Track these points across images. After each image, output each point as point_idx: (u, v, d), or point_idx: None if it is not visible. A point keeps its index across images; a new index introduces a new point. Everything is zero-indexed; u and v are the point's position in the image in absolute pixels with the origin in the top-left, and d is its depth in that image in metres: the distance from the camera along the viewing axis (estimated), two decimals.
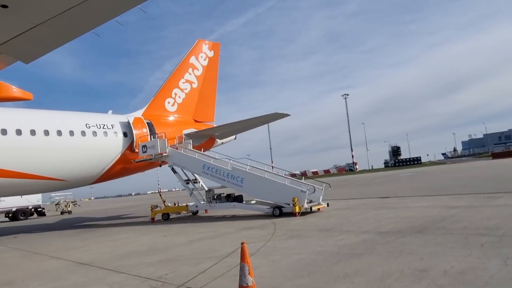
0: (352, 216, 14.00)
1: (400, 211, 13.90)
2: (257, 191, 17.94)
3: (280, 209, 16.64)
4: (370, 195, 23.84)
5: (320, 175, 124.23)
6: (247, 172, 18.20)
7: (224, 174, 18.78)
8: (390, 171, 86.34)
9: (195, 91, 29.02)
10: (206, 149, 28.12)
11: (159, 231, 15.52)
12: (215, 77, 30.97)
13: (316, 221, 13.60)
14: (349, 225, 11.65)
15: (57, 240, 16.11)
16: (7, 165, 17.99)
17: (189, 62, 29.11)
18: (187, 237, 12.67)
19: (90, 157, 20.81)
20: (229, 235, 12.23)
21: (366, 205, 17.56)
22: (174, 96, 27.67)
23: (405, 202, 17.00)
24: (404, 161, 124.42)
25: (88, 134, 20.84)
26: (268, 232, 11.86)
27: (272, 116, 25.44)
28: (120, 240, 13.76)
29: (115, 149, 21.93)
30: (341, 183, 49.41)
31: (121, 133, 22.43)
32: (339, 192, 30.73)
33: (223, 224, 15.72)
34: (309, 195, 17.40)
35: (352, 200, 21.12)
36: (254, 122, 26.46)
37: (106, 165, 21.69)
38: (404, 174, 56.18)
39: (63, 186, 21.35)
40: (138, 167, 24.04)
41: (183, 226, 16.53)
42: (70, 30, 6.35)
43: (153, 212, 20.68)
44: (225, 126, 26.85)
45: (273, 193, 17.28)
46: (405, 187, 27.91)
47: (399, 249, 7.54)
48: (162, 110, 26.76)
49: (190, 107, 28.47)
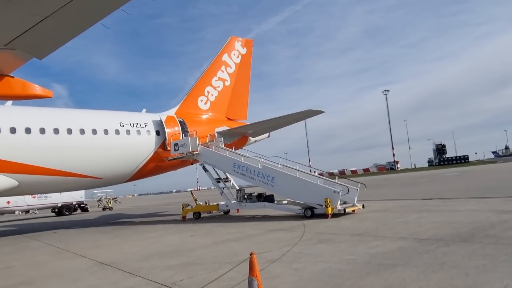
0: (389, 219, 12.98)
1: (443, 215, 12.70)
2: (288, 190, 17.27)
3: (312, 210, 15.87)
4: (411, 196, 22.39)
5: (359, 174, 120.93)
6: (277, 171, 17.58)
7: (255, 172, 18.28)
8: (434, 170, 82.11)
9: (228, 88, 28.75)
10: (239, 147, 27.78)
11: (188, 230, 15.30)
12: (248, 74, 30.56)
13: (349, 224, 12.73)
14: (385, 230, 10.71)
15: (90, 237, 16.36)
16: (45, 163, 18.55)
17: (222, 60, 28.87)
18: (213, 238, 12.29)
19: (124, 156, 21.08)
20: (255, 237, 11.69)
21: (405, 207, 16.36)
22: (206, 94, 27.55)
23: (449, 205, 15.64)
24: (450, 159, 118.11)
25: (122, 132, 21.12)
26: (296, 235, 11.19)
27: (305, 113, 24.60)
28: (148, 239, 13.65)
29: (148, 147, 22.09)
30: (380, 182, 47.43)
31: (154, 131, 22.57)
32: (377, 192, 29.30)
33: (251, 225, 15.22)
34: (343, 196, 16.50)
35: (390, 202, 19.88)
36: (287, 120, 25.73)
37: (139, 163, 21.90)
38: (449, 173, 53.02)
39: (99, 184, 21.83)
40: (171, 166, 24.13)
41: (212, 226, 16.21)
42: (77, 23, 6.07)
43: (184, 211, 20.61)
44: (258, 124, 26.33)
45: (305, 193, 16.54)
46: (451, 188, 26.04)
47: (440, 260, 6.63)
48: (194, 108, 26.72)
49: (222, 105, 28.24)
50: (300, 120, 26.44)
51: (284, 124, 27.10)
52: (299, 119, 26.30)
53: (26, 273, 9.08)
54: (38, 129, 18.31)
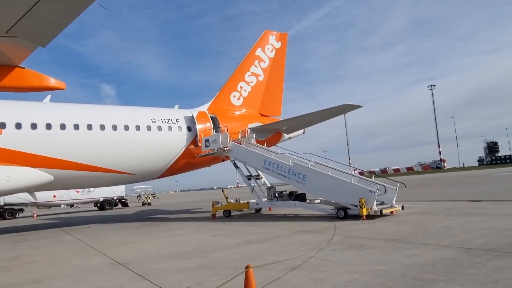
0: (431, 223, 11.67)
1: (495, 220, 11.20)
2: (320, 189, 16.27)
3: (345, 210, 14.79)
4: (458, 197, 20.53)
5: (402, 173, 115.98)
6: (309, 168, 16.63)
7: (286, 170, 17.44)
8: (485, 169, 76.68)
9: (261, 84, 28.03)
10: (272, 144, 27.01)
11: (214, 229, 14.79)
12: (283, 69, 29.65)
13: (385, 227, 11.58)
14: (425, 236, 9.52)
15: (118, 234, 16.32)
16: (79, 158, 18.84)
17: (255, 55, 28.18)
18: (237, 239, 11.64)
19: (155, 151, 21.02)
20: (280, 239, 10.89)
21: (451, 210, 14.83)
22: (239, 89, 27.01)
23: (502, 208, 13.93)
24: (502, 158, 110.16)
25: (153, 128, 21.07)
26: (324, 238, 10.27)
27: (342, 108, 23.32)
28: (172, 238, 13.27)
29: (179, 143, 21.92)
30: (424, 182, 44.73)
31: (185, 127, 22.36)
32: (420, 192, 27.39)
33: (280, 225, 14.42)
34: (380, 196, 15.27)
35: (434, 203, 18.26)
36: (322, 115, 24.58)
37: (171, 159, 21.79)
38: (502, 173, 49.00)
39: (131, 179, 21.97)
40: (202, 162, 23.85)
41: (239, 225, 15.59)
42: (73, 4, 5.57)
43: (214, 209, 20.19)
44: (292, 120, 25.39)
45: (338, 192, 15.47)
46: (503, 189, 23.69)
47: (492, 277, 5.50)
48: (227, 104, 26.27)
49: (256, 100, 27.58)
50: (336, 115, 25.13)
51: (319, 120, 25.97)
52: (335, 114, 25.02)
53: (42, 271, 8.90)
54: (72, 125, 18.63)
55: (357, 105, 22.38)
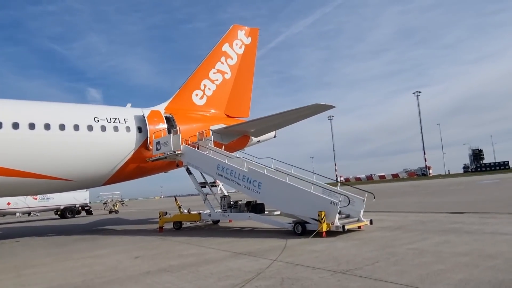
0: (400, 244, 9.35)
1: (477, 241, 8.93)
2: (276, 199, 13.85)
3: (304, 225, 12.40)
4: (438, 207, 18.39)
5: (387, 180, 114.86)
6: (265, 174, 14.21)
7: (240, 176, 15.00)
8: (469, 176, 75.58)
9: (228, 82, 25.66)
10: (239, 148, 24.63)
11: (143, 248, 12.23)
12: (252, 67, 27.35)
13: (343, 249, 9.21)
14: (386, 265, 7.16)
15: (29, 253, 13.46)
16: (3, 162, 16.11)
17: (222, 50, 25.83)
18: (155, 264, 9.12)
19: (98, 155, 18.36)
20: (206, 266, 8.41)
21: (428, 225, 12.58)
22: (203, 88, 24.57)
23: (486, 223, 11.73)
24: (487, 165, 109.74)
25: (95, 128, 18.42)
26: (259, 266, 7.84)
27: (313, 108, 20.94)
28: (83, 260, 10.67)
29: (127, 146, 19.30)
30: (408, 189, 42.83)
31: (135, 128, 19.76)
32: (400, 201, 25.27)
33: (223, 243, 11.94)
34: (346, 208, 12.97)
35: (412, 215, 16.05)
36: (293, 116, 22.18)
37: (117, 164, 19.12)
38: (486, 180, 47.50)
39: (69, 186, 19.17)
40: (156, 167, 21.24)
41: (176, 243, 13.01)
42: None
43: (161, 221, 17.53)
44: (259, 121, 22.96)
45: (295, 203, 13.08)
46: (488, 198, 21.68)
47: None
48: (188, 103, 23.78)
49: (221, 100, 25.17)
50: (308, 116, 22.72)
51: (290, 121, 23.61)
52: (306, 115, 22.63)
53: None
54: None
55: (329, 105, 20.11)
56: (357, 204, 13.09)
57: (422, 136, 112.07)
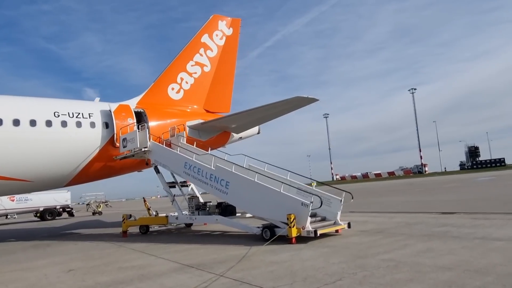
0: (376, 252, 7.91)
1: (465, 249, 7.51)
2: (244, 200, 12.37)
3: (273, 230, 10.93)
4: (428, 207, 17.02)
5: (383, 178, 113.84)
6: (232, 173, 12.71)
7: (207, 175, 13.51)
8: (465, 174, 74.48)
9: (207, 75, 24.13)
10: (219, 145, 23.21)
11: (88, 258, 10.72)
12: (234, 60, 25.82)
13: (308, 260, 7.75)
14: (351, 284, 5.70)
15: None
16: None
17: (201, 42, 24.28)
18: (83, 280, 7.64)
19: (58, 153, 16.80)
20: (139, 284, 6.93)
21: (413, 227, 11.16)
22: (180, 81, 23.01)
23: (477, 226, 10.33)
24: (483, 163, 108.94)
25: (55, 124, 16.86)
26: (195, 285, 6.37)
27: (295, 102, 19.38)
28: (9, 274, 9.16)
29: (91, 143, 17.74)
30: (401, 188, 41.54)
31: (101, 123, 18.20)
32: (390, 201, 23.90)
33: (179, 251, 10.46)
34: (323, 210, 11.55)
35: (399, 216, 14.65)
36: (274, 110, 20.62)
37: (80, 162, 17.57)
38: (482, 178, 46.31)
39: (28, 187, 17.59)
40: (126, 166, 19.67)
41: (128, 251, 11.50)
42: None
43: (125, 225, 15.94)
44: (238, 115, 21.41)
45: (264, 205, 11.61)
46: (482, 197, 20.33)
47: None
48: (163, 97, 22.23)
49: (200, 94, 23.64)
50: (291, 109, 21.16)
51: (272, 115, 22.03)
52: (289, 108, 21.06)
53: None
54: None
55: (311, 98, 18.59)
56: (334, 205, 11.66)
57: (418, 133, 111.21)
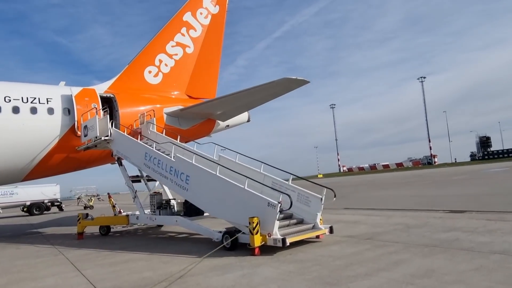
0: (354, 276, 5.64)
1: (482, 273, 5.18)
2: (203, 198, 10.15)
3: (234, 235, 8.70)
4: (434, 203, 14.66)
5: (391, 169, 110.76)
6: (192, 164, 10.46)
7: (167, 168, 11.32)
8: (476, 165, 71.28)
9: (190, 57, 21.81)
10: (203, 134, 21.09)
11: (5, 272, 8.64)
12: (220, 40, 23.44)
13: (259, 287, 5.54)
14: None
15: None
16: None
17: (183, 20, 21.90)
18: None
19: (7, 143, 14.78)
20: None
21: (412, 232, 8.86)
22: (158, 63, 20.72)
23: (496, 232, 7.96)
24: (495, 153, 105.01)
25: (4, 110, 14.80)
26: None
27: (284, 84, 16.94)
28: None
29: (48, 131, 15.64)
30: (408, 179, 39.00)
31: (61, 109, 16.07)
32: (393, 195, 21.51)
33: (114, 264, 8.32)
34: (300, 211, 9.31)
35: (398, 214, 12.34)
36: (261, 94, 18.16)
37: (36, 154, 15.52)
38: (494, 169, 43.44)
39: None
40: (93, 158, 17.58)
41: (57, 262, 9.38)
42: None
43: (80, 225, 13.82)
44: (221, 100, 19.12)
45: (226, 204, 9.38)
46: (495, 191, 17.84)
47: None
48: (139, 81, 19.98)
49: (181, 78, 21.35)
50: (281, 93, 18.67)
51: (260, 100, 19.59)
52: (277, 92, 18.55)
53: None
54: None
55: (301, 80, 16.22)
56: (313, 205, 9.38)
57: (427, 123, 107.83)
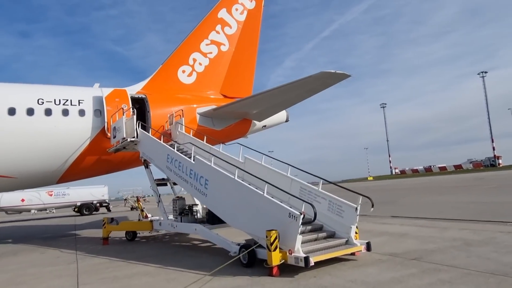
0: None
1: None
2: (222, 205, 9.06)
3: (253, 250, 7.49)
4: (501, 213, 12.40)
5: (449, 171, 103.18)
6: (211, 167, 9.40)
7: (187, 171, 10.40)
8: None
9: (225, 55, 21.00)
10: (238, 135, 20.19)
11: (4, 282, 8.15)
12: (256, 37, 22.37)
13: None
14: None
15: None
16: None
17: (218, 17, 21.18)
18: None
19: (39, 145, 14.77)
20: None
21: (472, 253, 7.08)
22: (192, 62, 20.13)
23: None
24: None
25: (37, 112, 14.84)
26: None
27: (321, 79, 15.43)
28: None
29: (80, 133, 15.50)
30: (468, 183, 35.32)
31: (92, 111, 15.91)
32: (449, 201, 19.08)
33: (120, 277, 7.47)
34: (332, 222, 7.91)
35: (455, 226, 10.40)
36: (298, 90, 16.79)
37: (68, 156, 15.44)
38: None
39: (13, 184, 15.69)
40: (126, 160, 17.23)
41: (66, 272, 8.75)
42: None
43: (105, 230, 13.38)
44: (256, 98, 17.99)
45: (244, 212, 8.20)
46: None
47: None
48: (173, 81, 19.49)
49: (216, 77, 20.59)
50: (318, 89, 17.04)
51: (297, 98, 18.03)
52: (315, 88, 16.93)
53: None
54: None
55: (341, 73, 14.64)
56: (347, 216, 7.90)
57: (489, 121, 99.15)
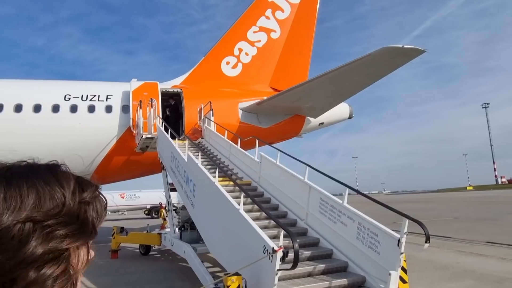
0: None
1: None
2: (202, 221, 6.37)
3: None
4: None
5: None
6: (197, 167, 6.75)
7: (181, 173, 7.98)
8: None
9: (276, 44, 18.40)
10: (289, 135, 17.51)
11: None
12: (313, 21, 19.34)
13: None
14: None
15: None
16: None
17: (268, 1, 18.71)
18: None
19: (63, 144, 13.77)
20: None
21: None
22: (237, 53, 17.94)
23: None
24: None
25: (62, 109, 13.92)
26: None
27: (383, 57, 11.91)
28: None
29: (105, 131, 14.25)
30: None
31: (120, 107, 14.55)
32: None
33: None
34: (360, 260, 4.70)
35: None
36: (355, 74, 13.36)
37: (94, 156, 14.27)
38: None
39: None
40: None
41: None
42: None
43: (114, 241, 11.57)
44: (303, 87, 14.86)
45: (223, 237, 5.39)
46: None
47: None
48: (215, 74, 17.51)
49: (264, 68, 18.10)
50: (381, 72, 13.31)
51: (354, 86, 14.69)
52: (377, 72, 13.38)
53: None
54: None
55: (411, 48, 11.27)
56: (384, 251, 4.60)
57: None
